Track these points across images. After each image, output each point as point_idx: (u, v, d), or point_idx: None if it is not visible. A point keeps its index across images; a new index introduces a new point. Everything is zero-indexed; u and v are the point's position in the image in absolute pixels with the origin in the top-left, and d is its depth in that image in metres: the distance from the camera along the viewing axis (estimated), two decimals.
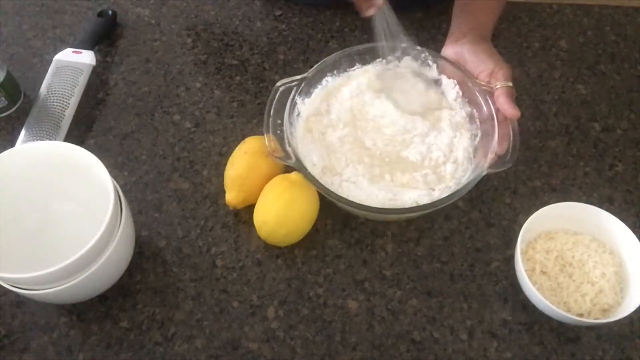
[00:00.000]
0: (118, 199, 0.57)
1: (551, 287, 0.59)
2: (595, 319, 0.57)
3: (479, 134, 0.66)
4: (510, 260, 0.63)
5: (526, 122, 0.74)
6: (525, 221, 0.60)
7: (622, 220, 0.60)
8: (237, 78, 0.80)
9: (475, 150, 0.66)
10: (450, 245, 0.65)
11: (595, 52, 0.82)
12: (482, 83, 0.66)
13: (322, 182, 0.61)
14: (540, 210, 0.60)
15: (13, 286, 0.54)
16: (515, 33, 0.84)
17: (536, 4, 0.87)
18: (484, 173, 0.60)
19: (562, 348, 0.59)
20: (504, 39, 0.83)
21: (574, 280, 0.59)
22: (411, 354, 0.59)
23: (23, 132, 0.72)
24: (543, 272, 0.60)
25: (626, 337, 0.59)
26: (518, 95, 0.77)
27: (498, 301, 0.62)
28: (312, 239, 0.65)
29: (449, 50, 0.69)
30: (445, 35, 0.72)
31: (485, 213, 0.67)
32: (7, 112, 0.76)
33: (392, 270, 0.64)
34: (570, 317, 0.56)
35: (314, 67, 0.68)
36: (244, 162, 0.65)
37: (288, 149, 0.62)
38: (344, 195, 0.61)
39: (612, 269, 0.60)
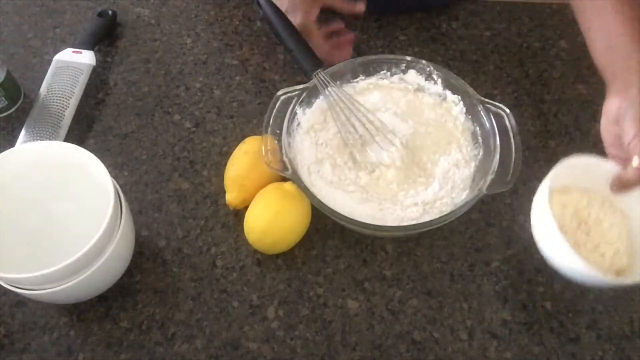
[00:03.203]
0: (118, 199, 0.57)
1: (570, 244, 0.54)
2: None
3: (481, 153, 0.65)
4: (510, 260, 0.63)
5: (526, 122, 0.74)
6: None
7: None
8: (237, 78, 0.80)
9: (476, 169, 0.65)
10: (450, 245, 0.65)
11: None
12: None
13: (318, 197, 0.60)
14: (559, 164, 0.57)
15: (13, 286, 0.54)
16: (515, 33, 0.84)
17: (536, 4, 0.87)
18: (482, 195, 0.59)
19: (562, 348, 0.59)
20: (504, 39, 0.83)
21: (591, 239, 0.57)
22: (411, 354, 0.59)
23: (23, 132, 0.72)
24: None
25: (626, 337, 0.59)
26: (518, 95, 0.77)
27: (498, 301, 0.62)
28: (312, 239, 0.65)
29: (615, 102, 0.58)
30: (444, 35, 0.72)
31: (485, 213, 0.67)
32: (7, 112, 0.76)
33: (392, 270, 0.64)
34: (602, 278, 0.51)
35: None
36: (244, 162, 0.65)
37: (285, 159, 0.61)
38: (339, 211, 0.59)
39: (626, 230, 0.58)
